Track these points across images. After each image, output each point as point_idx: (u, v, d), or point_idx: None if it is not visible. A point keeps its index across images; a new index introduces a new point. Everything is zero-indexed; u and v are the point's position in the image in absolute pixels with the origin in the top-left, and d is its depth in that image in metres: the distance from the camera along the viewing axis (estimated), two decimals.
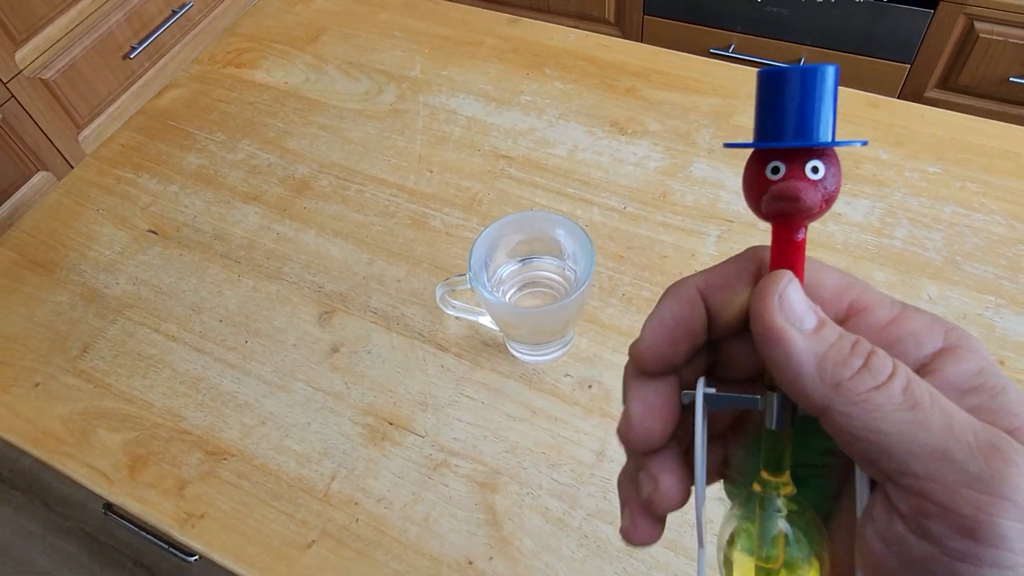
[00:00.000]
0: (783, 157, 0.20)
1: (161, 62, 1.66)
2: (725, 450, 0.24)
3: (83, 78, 1.52)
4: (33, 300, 0.67)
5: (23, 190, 1.49)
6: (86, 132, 1.57)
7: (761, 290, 0.19)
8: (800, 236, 0.20)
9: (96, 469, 0.57)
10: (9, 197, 1.47)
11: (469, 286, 0.53)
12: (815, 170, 0.19)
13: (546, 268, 0.58)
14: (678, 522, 0.51)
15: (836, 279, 0.21)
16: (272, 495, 0.54)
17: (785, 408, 0.21)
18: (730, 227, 0.65)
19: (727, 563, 0.21)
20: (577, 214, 0.67)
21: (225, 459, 0.56)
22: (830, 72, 0.19)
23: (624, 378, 0.22)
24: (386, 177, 0.72)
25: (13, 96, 1.40)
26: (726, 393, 0.21)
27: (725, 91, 0.75)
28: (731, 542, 0.22)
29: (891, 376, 0.17)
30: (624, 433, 0.21)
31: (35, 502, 1.36)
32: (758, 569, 0.21)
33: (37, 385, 0.62)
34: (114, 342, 0.64)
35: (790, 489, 0.21)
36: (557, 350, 0.58)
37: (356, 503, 0.53)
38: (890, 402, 0.17)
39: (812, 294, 0.20)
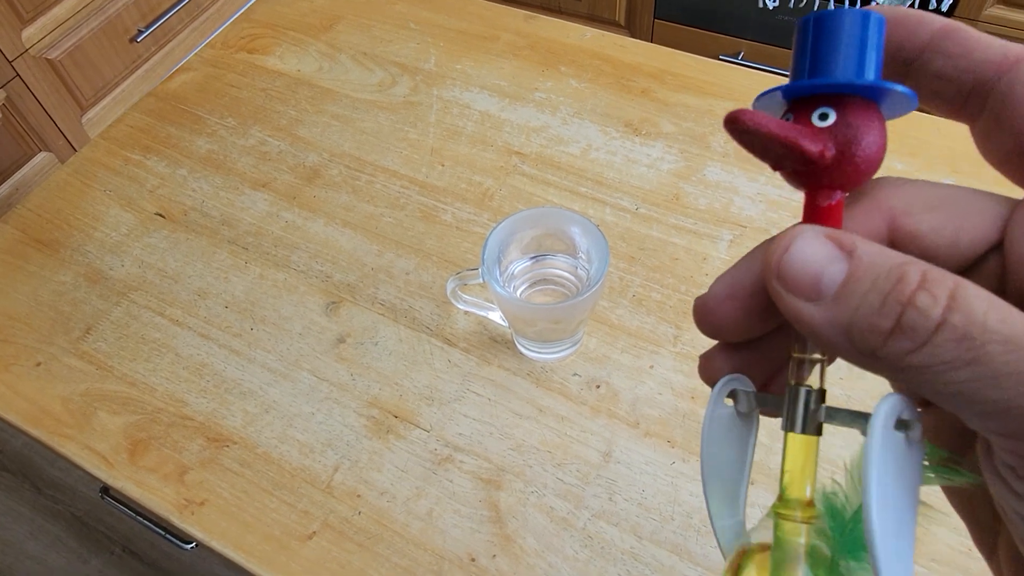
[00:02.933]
0: (795, 107, 0.17)
1: (168, 47, 1.66)
2: None
3: (89, 60, 1.51)
4: (37, 279, 0.66)
5: (24, 170, 1.48)
6: (90, 114, 1.56)
7: (764, 267, 0.17)
8: (826, 202, 0.17)
9: (96, 452, 0.56)
10: (10, 176, 1.46)
11: (481, 280, 0.53)
12: (823, 117, 0.17)
13: (559, 266, 0.57)
14: (683, 526, 0.50)
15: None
16: (274, 484, 0.54)
17: (806, 406, 0.18)
18: (743, 232, 0.65)
19: None
20: (589, 213, 0.67)
21: (227, 446, 0.56)
22: (855, 13, 0.17)
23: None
24: (397, 169, 0.72)
25: (18, 75, 1.39)
26: (752, 391, 0.19)
27: (741, 95, 0.75)
28: (738, 567, 0.19)
29: (937, 328, 0.14)
30: (699, 310, 0.19)
31: (25, 484, 1.35)
32: None
33: (38, 365, 0.61)
34: (118, 324, 0.63)
35: (812, 516, 0.18)
36: (566, 349, 0.58)
37: (359, 495, 0.53)
38: (937, 362, 0.14)
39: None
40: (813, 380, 0.18)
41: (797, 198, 0.66)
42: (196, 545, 0.54)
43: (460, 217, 0.67)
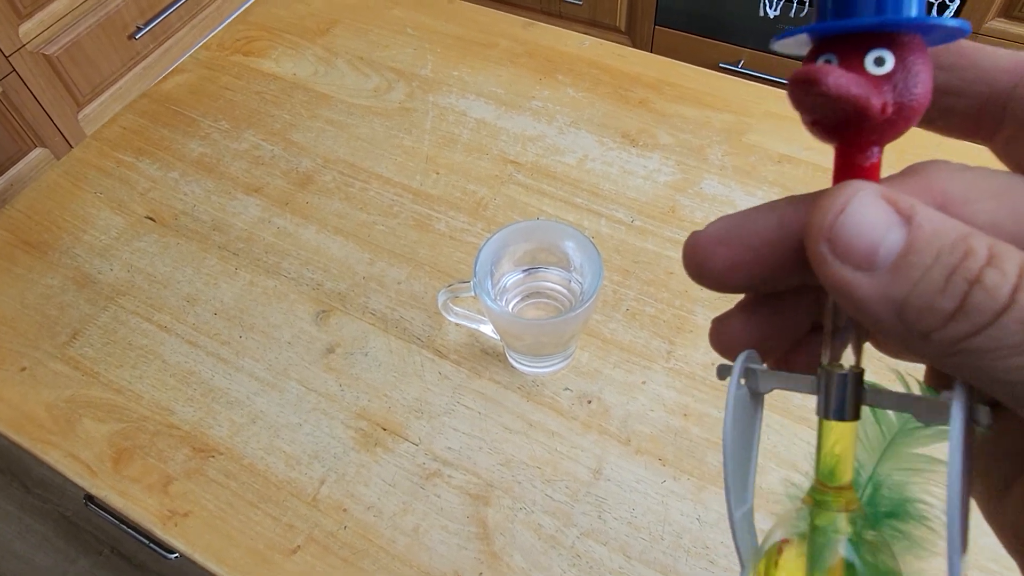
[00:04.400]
0: (837, 47, 0.15)
1: (166, 44, 1.65)
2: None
3: (86, 56, 1.50)
4: (24, 282, 0.65)
5: (19, 166, 1.47)
6: (86, 111, 1.55)
7: (810, 227, 0.15)
8: (868, 161, 0.15)
9: (79, 459, 0.55)
10: (5, 172, 1.45)
11: (472, 293, 0.52)
12: (879, 62, 0.14)
13: (552, 279, 0.57)
14: (672, 546, 0.50)
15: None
16: (259, 497, 0.53)
17: (848, 391, 0.16)
18: None
19: None
20: (584, 225, 0.66)
21: (213, 457, 0.55)
22: None
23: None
24: (391, 176, 0.71)
25: (14, 70, 1.38)
26: (775, 371, 0.18)
27: (739, 108, 0.74)
28: (770, 565, 0.17)
29: (1003, 311, 0.13)
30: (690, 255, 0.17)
31: (13, 483, 1.34)
32: None
33: (23, 370, 0.60)
34: (105, 330, 0.62)
35: (855, 505, 0.17)
36: (558, 363, 0.57)
37: (345, 509, 0.52)
38: (1001, 345, 0.13)
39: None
40: (846, 356, 0.17)
41: None
42: (179, 556, 0.53)
43: (454, 226, 0.67)
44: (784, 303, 0.18)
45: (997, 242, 0.13)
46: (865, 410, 0.17)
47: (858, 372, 0.16)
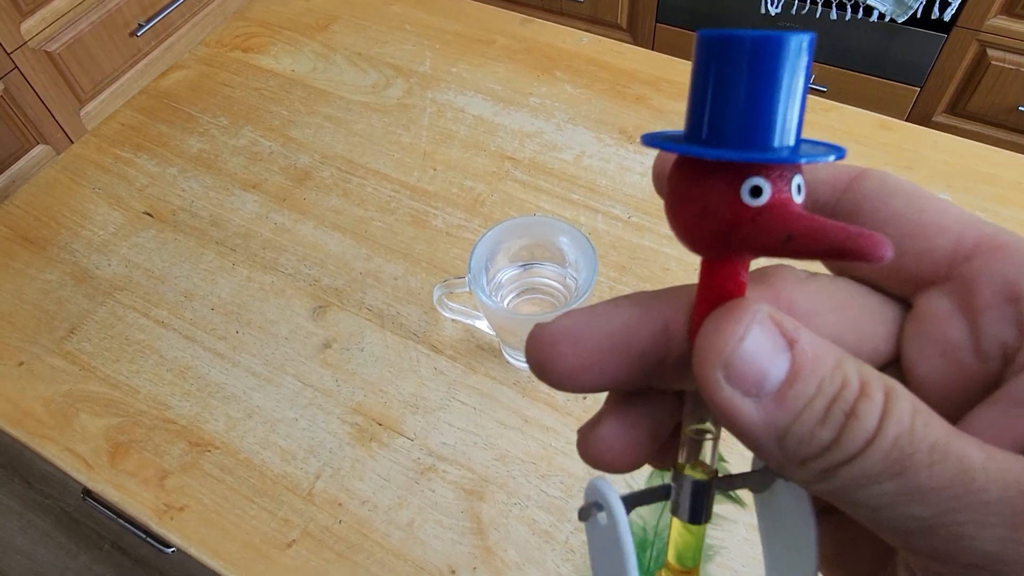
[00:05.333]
0: (766, 171, 0.14)
1: (168, 41, 1.65)
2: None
3: (88, 53, 1.50)
4: (22, 277, 0.66)
5: (21, 162, 1.48)
6: (88, 108, 1.56)
7: (704, 350, 0.14)
8: (743, 274, 0.15)
9: (76, 454, 0.56)
10: (7, 169, 1.45)
11: (468, 289, 0.52)
12: (799, 190, 0.14)
13: (547, 275, 0.57)
14: None
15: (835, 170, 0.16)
16: (255, 491, 0.53)
17: (702, 498, 0.16)
18: None
19: None
20: (581, 221, 0.66)
21: (209, 451, 0.55)
22: (789, 39, 0.13)
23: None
24: (389, 172, 0.71)
25: (16, 67, 1.39)
26: (635, 491, 0.17)
27: None
28: None
29: (870, 442, 0.13)
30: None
31: (15, 478, 1.35)
32: None
33: (21, 364, 0.60)
34: (102, 325, 0.62)
35: None
36: None
37: (340, 504, 0.52)
38: (865, 474, 0.13)
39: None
40: (702, 453, 0.17)
41: None
42: (176, 550, 0.53)
43: (451, 222, 0.67)
44: (650, 402, 0.17)
45: (863, 366, 0.14)
46: None
47: (712, 478, 0.16)
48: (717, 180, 0.14)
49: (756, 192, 0.14)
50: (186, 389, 0.58)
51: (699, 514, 0.16)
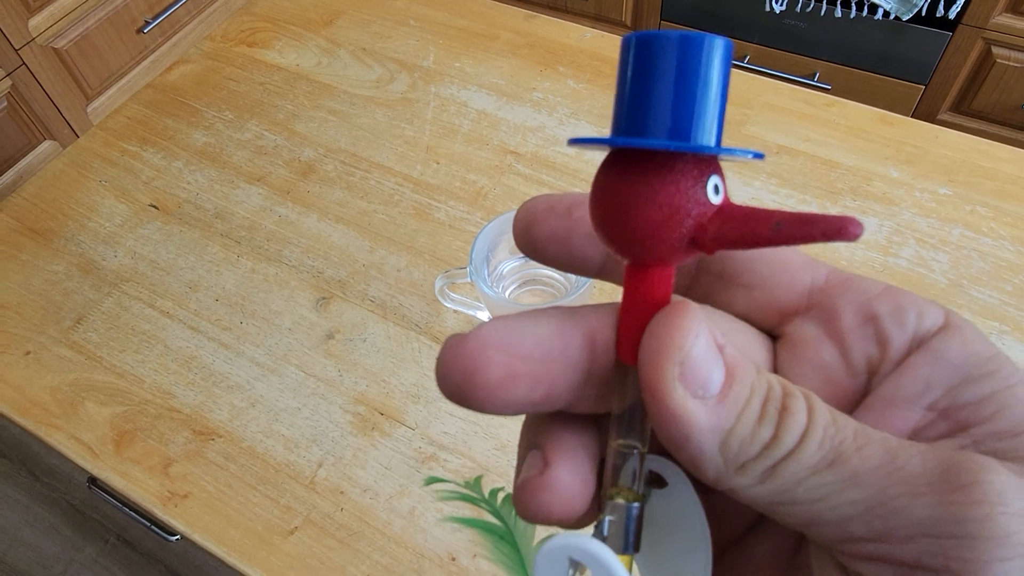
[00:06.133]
0: (720, 170, 0.14)
1: (174, 38, 1.66)
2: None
3: (95, 49, 1.51)
4: (29, 268, 0.66)
5: (29, 158, 1.49)
6: (95, 104, 1.57)
7: (658, 351, 0.14)
8: (670, 279, 0.15)
9: (82, 442, 0.56)
10: (15, 164, 1.47)
11: (469, 280, 0.53)
12: (716, 190, 0.14)
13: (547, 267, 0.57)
14: None
15: (792, 253, 0.16)
16: (258, 479, 0.54)
17: (634, 523, 0.15)
18: None
19: None
20: None
21: (212, 440, 0.56)
22: (708, 40, 0.13)
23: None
24: (392, 166, 0.72)
25: (24, 63, 1.40)
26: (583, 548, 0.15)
27: (738, 100, 0.74)
28: None
29: (804, 434, 0.13)
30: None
31: (21, 471, 1.36)
32: None
33: (28, 354, 0.61)
34: (108, 315, 0.63)
35: None
36: None
37: (342, 492, 0.53)
38: (804, 467, 0.13)
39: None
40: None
41: (790, 205, 0.66)
42: (180, 538, 0.54)
43: (453, 215, 0.67)
44: (581, 431, 0.16)
45: (774, 375, 0.14)
46: None
47: (643, 500, 0.15)
48: (685, 179, 0.14)
49: (717, 190, 0.14)
50: (190, 379, 0.59)
51: (631, 542, 0.15)
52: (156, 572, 1.25)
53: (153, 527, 0.71)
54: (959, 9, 1.31)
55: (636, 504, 0.15)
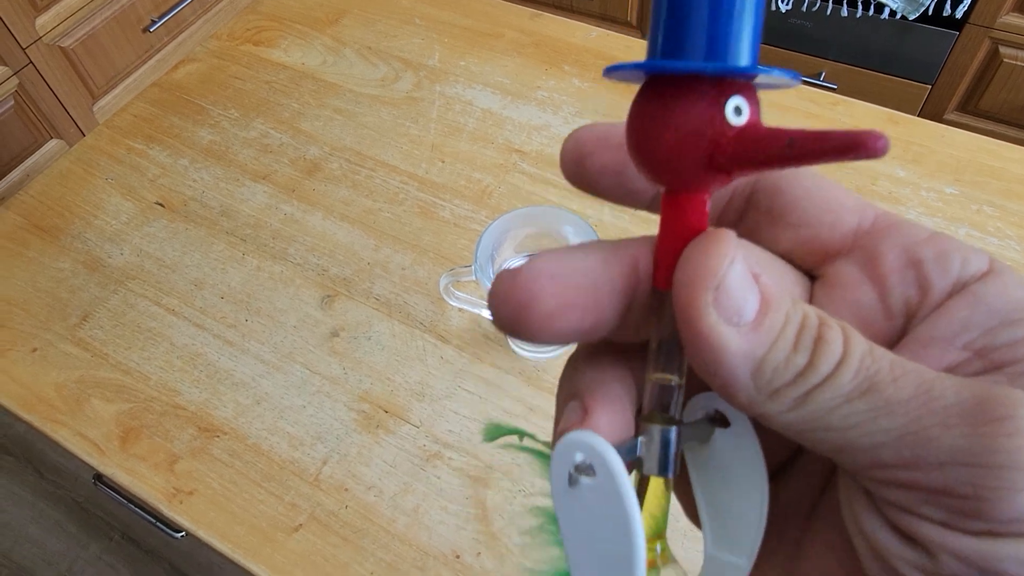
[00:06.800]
0: (745, 91, 0.14)
1: (180, 37, 1.66)
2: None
3: (101, 48, 1.52)
4: (36, 265, 0.67)
5: (35, 156, 1.49)
6: (101, 103, 1.57)
7: (692, 277, 0.14)
8: (707, 204, 0.15)
9: (87, 438, 0.56)
10: (21, 163, 1.47)
11: (474, 277, 0.53)
12: (738, 111, 0.14)
13: None
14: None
15: (844, 196, 0.16)
16: (263, 476, 0.54)
17: (670, 448, 0.15)
18: None
19: None
20: (588, 214, 0.66)
21: (218, 436, 0.56)
22: None
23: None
24: (397, 164, 0.72)
25: (31, 62, 1.40)
26: (626, 444, 0.16)
27: None
28: None
29: (840, 363, 0.14)
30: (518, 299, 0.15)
31: (27, 469, 1.36)
32: None
33: (34, 351, 0.61)
34: (114, 312, 0.63)
35: (667, 555, 0.16)
36: (558, 348, 0.58)
37: (346, 489, 0.53)
38: (837, 395, 0.13)
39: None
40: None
41: None
42: (185, 534, 0.54)
43: (458, 214, 0.67)
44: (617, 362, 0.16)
45: (812, 306, 0.14)
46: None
47: (679, 427, 0.16)
48: (702, 100, 0.14)
49: (738, 112, 0.14)
50: (196, 376, 0.59)
51: (668, 465, 0.16)
52: (160, 569, 1.25)
53: (158, 524, 0.72)
54: (966, 8, 1.30)
55: (673, 428, 0.15)
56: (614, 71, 0.14)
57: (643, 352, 0.16)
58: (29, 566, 1.27)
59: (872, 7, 1.37)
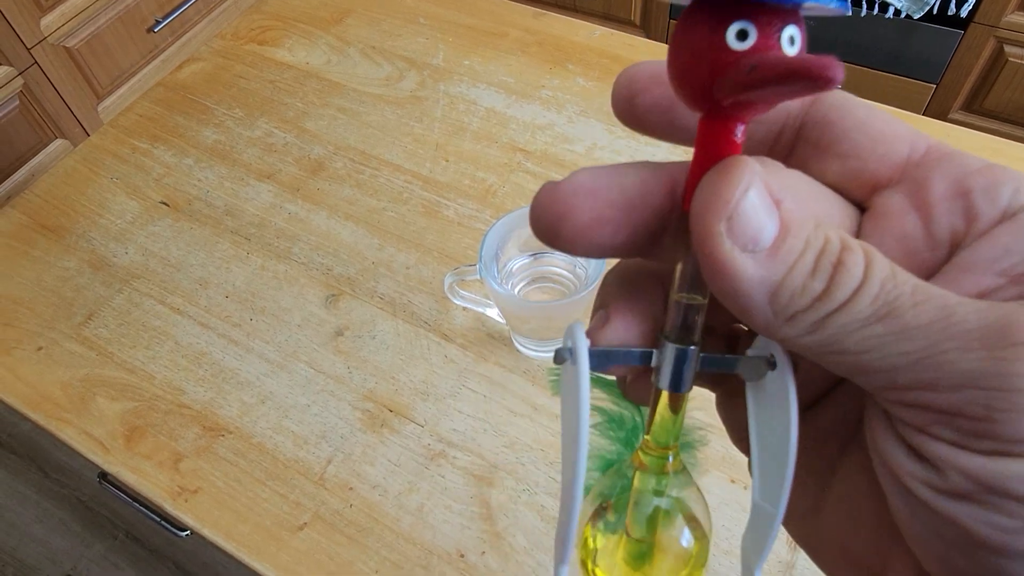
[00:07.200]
0: (752, 15, 0.14)
1: (184, 37, 1.66)
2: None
3: (106, 48, 1.52)
4: (41, 264, 0.67)
5: (40, 156, 1.50)
6: (106, 103, 1.58)
7: (707, 203, 0.14)
8: (742, 136, 0.15)
9: (93, 437, 0.57)
10: (27, 163, 1.47)
11: (478, 276, 0.53)
12: (792, 41, 0.14)
13: (557, 264, 0.57)
14: None
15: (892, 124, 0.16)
16: (267, 475, 0.54)
17: (683, 365, 0.16)
18: None
19: (585, 546, 0.18)
20: None
21: (222, 435, 0.56)
22: None
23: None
24: (401, 163, 0.72)
25: (36, 62, 1.41)
26: (609, 349, 0.16)
27: None
28: (594, 520, 0.18)
29: (859, 289, 0.14)
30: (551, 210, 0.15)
31: (32, 467, 1.37)
32: (627, 547, 0.17)
33: (40, 349, 0.61)
34: (119, 311, 0.63)
35: (678, 464, 0.17)
36: None
37: (351, 488, 0.53)
38: (855, 319, 0.13)
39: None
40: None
41: None
42: (190, 533, 0.54)
43: (462, 213, 0.67)
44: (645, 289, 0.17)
45: (838, 228, 0.15)
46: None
47: (697, 346, 0.16)
48: (703, 24, 0.14)
49: (742, 36, 0.14)
50: (201, 375, 0.59)
51: (680, 382, 0.16)
52: (165, 568, 1.25)
53: (163, 522, 0.72)
54: (971, 7, 1.30)
55: (690, 348, 0.16)
56: None
57: None
58: (34, 565, 1.27)
59: (877, 6, 1.37)
